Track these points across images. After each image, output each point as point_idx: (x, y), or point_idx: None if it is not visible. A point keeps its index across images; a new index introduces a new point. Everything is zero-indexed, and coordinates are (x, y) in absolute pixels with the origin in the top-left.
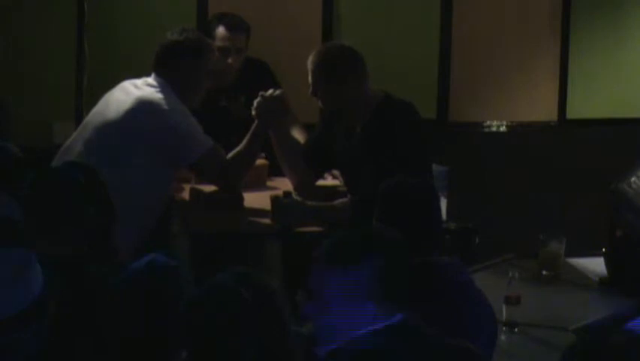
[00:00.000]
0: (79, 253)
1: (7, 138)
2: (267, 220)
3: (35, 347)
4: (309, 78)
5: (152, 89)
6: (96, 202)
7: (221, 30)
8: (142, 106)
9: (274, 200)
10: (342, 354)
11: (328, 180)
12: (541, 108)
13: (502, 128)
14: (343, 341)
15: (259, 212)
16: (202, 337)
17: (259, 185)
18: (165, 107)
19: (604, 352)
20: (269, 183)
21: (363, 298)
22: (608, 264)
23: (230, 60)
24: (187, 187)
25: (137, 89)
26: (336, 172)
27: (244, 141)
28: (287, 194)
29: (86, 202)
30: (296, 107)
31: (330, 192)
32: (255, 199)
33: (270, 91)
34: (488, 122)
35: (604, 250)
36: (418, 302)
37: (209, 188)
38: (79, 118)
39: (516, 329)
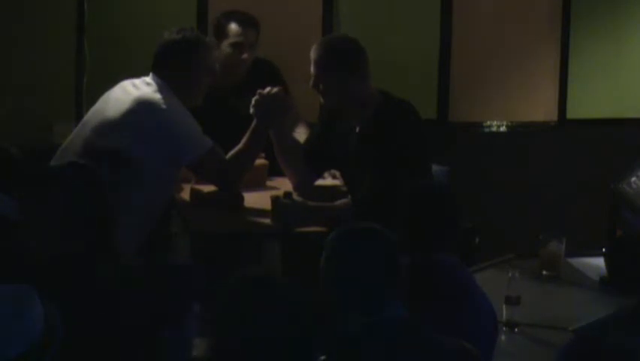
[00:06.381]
0: (79, 252)
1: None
2: (267, 220)
3: None
4: (312, 69)
5: (151, 89)
6: (96, 202)
7: (233, 26)
8: (141, 106)
9: (274, 200)
10: (338, 343)
11: (328, 180)
12: (541, 108)
13: (502, 128)
14: (337, 329)
15: (259, 212)
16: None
17: (259, 185)
18: (164, 106)
19: (602, 352)
20: (269, 183)
21: (365, 286)
22: (608, 264)
23: (245, 55)
24: (187, 187)
25: (136, 88)
26: (336, 172)
27: (243, 140)
28: (287, 194)
29: (86, 202)
30: (297, 106)
31: (330, 192)
32: (255, 199)
33: (268, 89)
34: (488, 122)
35: (604, 250)
36: (417, 302)
37: (209, 188)
38: (79, 118)
39: (516, 329)
